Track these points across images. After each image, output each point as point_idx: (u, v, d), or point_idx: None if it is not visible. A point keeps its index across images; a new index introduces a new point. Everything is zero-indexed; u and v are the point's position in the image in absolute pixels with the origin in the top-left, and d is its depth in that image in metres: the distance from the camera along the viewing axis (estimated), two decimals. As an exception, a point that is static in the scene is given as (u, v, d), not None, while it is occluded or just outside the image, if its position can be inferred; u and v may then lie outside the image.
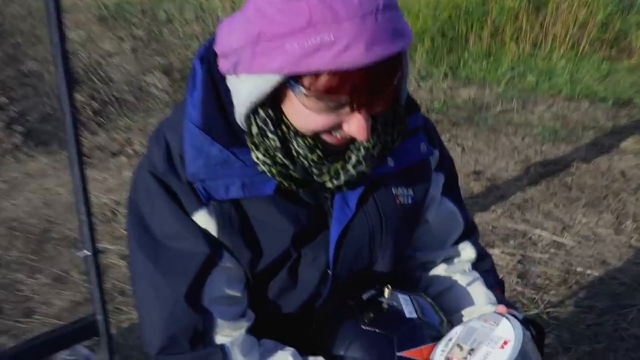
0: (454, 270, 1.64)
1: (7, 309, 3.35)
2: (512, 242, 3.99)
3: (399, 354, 1.33)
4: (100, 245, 3.78)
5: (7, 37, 7.43)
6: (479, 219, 4.20)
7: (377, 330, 1.35)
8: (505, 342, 1.28)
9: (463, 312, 1.54)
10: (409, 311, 1.39)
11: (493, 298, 1.56)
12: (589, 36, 6.85)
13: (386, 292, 1.40)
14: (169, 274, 1.30)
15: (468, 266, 1.65)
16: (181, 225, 1.29)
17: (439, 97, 6.08)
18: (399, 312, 1.38)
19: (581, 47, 6.84)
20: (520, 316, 1.46)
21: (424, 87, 6.23)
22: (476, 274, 1.62)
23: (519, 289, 3.56)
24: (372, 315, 1.37)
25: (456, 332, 1.35)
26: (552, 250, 3.92)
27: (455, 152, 5.12)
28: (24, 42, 7.29)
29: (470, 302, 1.55)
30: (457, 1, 6.98)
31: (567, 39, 6.82)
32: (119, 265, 3.71)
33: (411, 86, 6.25)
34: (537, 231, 4.09)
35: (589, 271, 3.73)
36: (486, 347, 1.29)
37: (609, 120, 5.71)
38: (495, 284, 1.63)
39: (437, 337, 1.38)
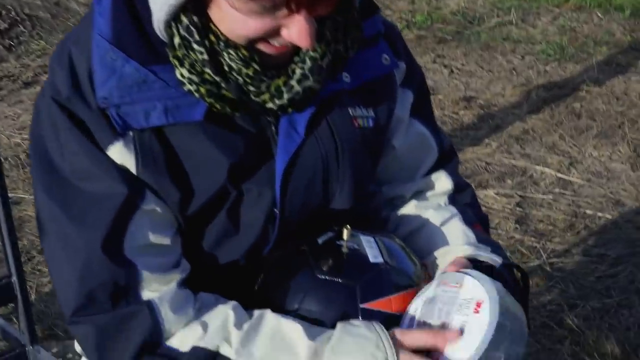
0: (427, 205, 1.63)
1: None
2: (509, 181, 4.02)
3: (362, 305, 1.34)
4: (14, 194, 3.77)
5: None
6: (470, 154, 4.23)
7: (336, 279, 1.35)
8: (478, 304, 1.28)
9: (436, 253, 1.53)
10: (373, 255, 1.39)
11: (472, 236, 1.55)
12: None
13: (345, 233, 1.40)
14: (82, 221, 1.29)
15: (444, 200, 1.65)
16: (92, 162, 1.28)
17: (422, 8, 6.07)
18: (361, 257, 1.38)
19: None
20: (499, 260, 1.46)
21: (402, -4, 6.22)
22: (453, 209, 1.62)
23: (518, 236, 3.60)
24: (330, 261, 1.37)
25: (414, 309, 1.35)
26: (556, 190, 3.96)
27: (441, 75, 5.13)
28: None
29: (445, 242, 1.55)
30: None
31: None
32: (36, 217, 3.68)
33: (385, -6, 6.23)
34: (539, 168, 4.13)
35: (600, 214, 3.77)
36: (458, 316, 1.29)
37: (626, 33, 5.73)
38: (475, 219, 1.62)
39: (408, 285, 1.39)
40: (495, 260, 1.46)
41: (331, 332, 1.30)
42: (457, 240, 1.54)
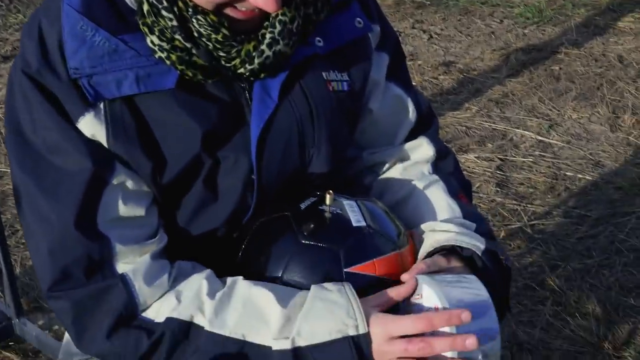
0: (411, 174, 1.64)
1: None
2: (489, 144, 4.03)
3: (346, 270, 1.35)
4: (-7, 168, 3.75)
5: None
6: (451, 118, 4.24)
7: (319, 244, 1.36)
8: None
9: (422, 227, 1.53)
10: (356, 219, 1.39)
11: (457, 210, 1.55)
12: None
13: (328, 198, 1.41)
14: (54, 196, 1.30)
15: (427, 168, 1.65)
16: (62, 137, 1.29)
17: (400, -27, 6.03)
18: (344, 221, 1.39)
19: None
20: (482, 246, 1.46)
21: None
22: (437, 179, 1.62)
23: (499, 199, 3.62)
24: (312, 226, 1.38)
25: None
26: (536, 152, 3.98)
27: (420, 40, 5.12)
28: None
29: (431, 215, 1.55)
30: None
31: None
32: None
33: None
34: (519, 131, 4.14)
35: (580, 175, 3.80)
36: None
37: (604, -5, 5.73)
38: (459, 187, 1.63)
39: (392, 249, 1.39)
40: (477, 246, 1.44)
41: (304, 298, 1.30)
42: (442, 213, 1.54)
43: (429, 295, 1.30)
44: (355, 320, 1.26)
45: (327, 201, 1.40)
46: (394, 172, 1.65)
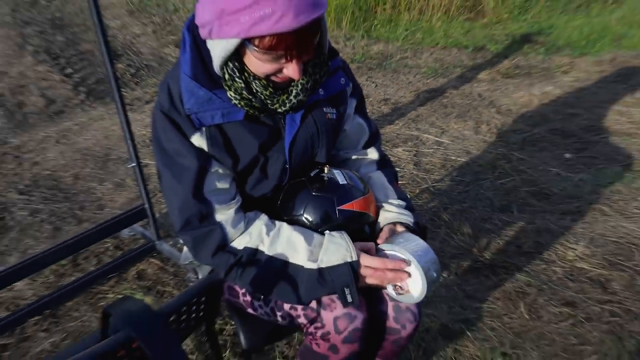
0: (367, 168, 1.65)
1: (88, 206, 3.34)
2: (409, 143, 4.01)
3: (338, 207, 1.37)
4: (143, 161, 3.76)
5: (67, 27, 7.24)
6: (388, 129, 4.22)
7: (322, 194, 1.38)
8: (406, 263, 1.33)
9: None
10: (341, 179, 1.42)
11: (393, 193, 1.57)
12: (456, 4, 6.78)
13: (326, 169, 1.44)
14: (180, 179, 1.31)
15: (375, 165, 1.65)
16: (182, 146, 1.29)
17: (359, 51, 5.98)
18: (335, 181, 1.41)
19: (451, 12, 6.76)
20: (412, 220, 1.49)
21: (349, 45, 6.12)
22: (380, 173, 1.63)
23: (415, 172, 3.62)
24: (317, 185, 1.40)
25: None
26: (435, 146, 3.96)
27: (370, 87, 5.08)
28: (79, 30, 7.09)
29: (380, 194, 1.56)
30: (368, -15, 6.88)
31: (441, 7, 6.74)
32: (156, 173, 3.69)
33: (339, 44, 6.16)
34: (425, 135, 4.13)
35: (459, 159, 3.80)
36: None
37: (470, 61, 5.69)
38: (392, 177, 1.64)
39: (362, 195, 1.41)
40: (409, 220, 1.48)
41: (322, 239, 1.33)
42: (386, 195, 1.56)
43: (391, 250, 1.34)
44: (351, 253, 1.30)
45: (325, 171, 1.43)
46: (358, 164, 1.66)
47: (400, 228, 1.44)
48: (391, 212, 1.49)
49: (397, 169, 3.62)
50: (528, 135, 4.05)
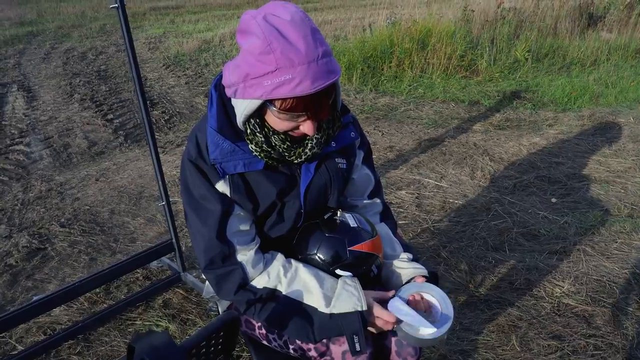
0: (373, 218, 1.61)
1: (121, 238, 3.34)
2: (412, 186, 3.99)
3: (349, 248, 1.34)
4: (172, 198, 3.76)
5: (111, 78, 7.44)
6: (393, 174, 4.20)
7: (334, 236, 1.35)
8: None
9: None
10: (352, 223, 1.39)
11: (400, 247, 1.54)
12: (453, 64, 6.85)
13: (338, 213, 1.42)
14: (204, 221, 1.30)
15: (379, 215, 1.62)
16: (208, 191, 1.28)
17: (367, 103, 6.01)
18: (347, 224, 1.39)
19: (449, 71, 6.83)
20: (425, 271, 1.46)
21: (359, 98, 6.18)
22: (385, 225, 1.59)
23: (417, 213, 3.58)
24: (330, 227, 1.37)
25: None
26: (435, 190, 3.93)
27: (377, 136, 5.08)
28: (121, 81, 7.27)
29: (387, 245, 1.53)
30: (375, 45, 6.97)
31: (440, 66, 6.82)
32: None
33: (350, 97, 6.22)
34: (426, 180, 4.09)
35: (456, 201, 3.75)
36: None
37: (466, 113, 5.68)
38: (394, 227, 1.61)
39: (370, 237, 1.38)
40: (422, 271, 1.46)
41: (335, 283, 1.31)
42: (393, 249, 1.53)
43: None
44: (362, 303, 1.27)
45: (338, 214, 1.40)
46: (363, 213, 1.62)
47: (420, 280, 1.41)
48: (407, 269, 1.46)
49: (401, 210, 3.59)
50: (518, 181, 4.01)
